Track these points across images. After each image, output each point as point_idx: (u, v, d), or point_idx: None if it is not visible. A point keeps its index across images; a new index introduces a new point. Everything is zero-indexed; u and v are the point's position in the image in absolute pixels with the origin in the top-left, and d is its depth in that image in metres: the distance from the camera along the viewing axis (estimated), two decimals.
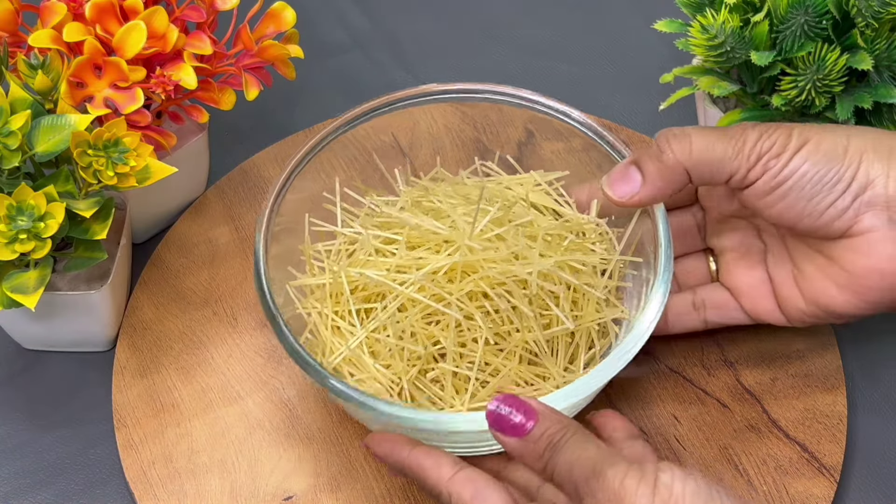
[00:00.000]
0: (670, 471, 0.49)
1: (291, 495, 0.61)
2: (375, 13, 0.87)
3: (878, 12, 0.61)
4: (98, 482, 0.63)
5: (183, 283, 0.69)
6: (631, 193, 0.59)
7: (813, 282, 0.59)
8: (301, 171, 0.62)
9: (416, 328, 0.58)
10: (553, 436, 0.51)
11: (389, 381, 0.58)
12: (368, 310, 0.60)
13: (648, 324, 0.56)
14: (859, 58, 0.62)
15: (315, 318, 0.61)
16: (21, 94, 0.58)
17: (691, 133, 0.58)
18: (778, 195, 0.57)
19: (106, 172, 0.57)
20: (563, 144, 0.65)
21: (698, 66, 0.69)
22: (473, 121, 0.65)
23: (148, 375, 0.65)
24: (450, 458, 0.54)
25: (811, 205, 0.56)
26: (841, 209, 0.56)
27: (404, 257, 0.59)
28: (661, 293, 0.57)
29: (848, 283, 0.57)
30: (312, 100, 0.81)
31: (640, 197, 0.59)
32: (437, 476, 0.53)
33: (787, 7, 0.62)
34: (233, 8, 0.66)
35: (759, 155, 0.57)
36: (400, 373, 0.58)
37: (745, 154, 0.57)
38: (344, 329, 0.60)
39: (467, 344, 0.58)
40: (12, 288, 0.58)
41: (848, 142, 0.57)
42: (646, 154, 0.59)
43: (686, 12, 0.67)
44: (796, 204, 0.57)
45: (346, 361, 0.59)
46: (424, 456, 0.54)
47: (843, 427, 0.63)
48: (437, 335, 0.58)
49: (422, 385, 0.59)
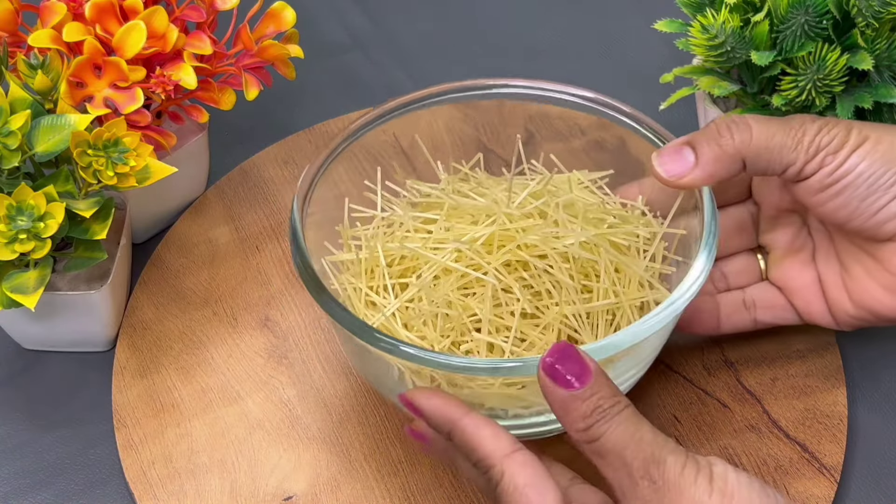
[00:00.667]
0: (721, 463, 0.48)
1: (291, 495, 0.61)
2: (375, 13, 0.87)
3: (878, 12, 0.61)
4: (98, 482, 0.63)
5: (183, 283, 0.69)
6: (682, 173, 0.56)
7: (859, 283, 0.59)
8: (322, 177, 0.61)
9: (452, 297, 0.56)
10: (603, 401, 0.48)
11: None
12: (403, 285, 0.59)
13: (690, 284, 0.54)
14: (860, 58, 0.62)
15: (350, 292, 0.60)
16: (21, 94, 0.58)
17: (750, 121, 0.56)
18: (832, 192, 0.56)
19: (106, 172, 0.57)
20: (563, 145, 0.65)
21: (698, 66, 0.69)
22: (474, 121, 0.65)
23: (148, 375, 0.65)
24: (510, 435, 0.50)
25: (864, 205, 0.56)
26: (892, 213, 0.55)
27: (442, 232, 0.58)
28: (704, 257, 0.55)
29: (894, 287, 0.57)
30: (312, 100, 0.81)
31: (690, 178, 0.56)
32: (492, 447, 0.49)
33: (788, 7, 0.62)
34: (233, 8, 0.66)
35: (817, 148, 0.55)
36: (433, 341, 0.57)
37: (804, 146, 0.55)
38: (379, 304, 0.59)
39: (504, 316, 0.57)
40: (12, 288, 0.58)
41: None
42: (702, 136, 0.57)
43: (686, 12, 0.67)
44: (849, 203, 0.56)
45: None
46: (483, 422, 0.50)
47: (843, 427, 0.63)
48: (472, 307, 0.57)
49: None
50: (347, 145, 0.62)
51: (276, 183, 0.74)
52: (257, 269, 0.70)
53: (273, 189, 0.74)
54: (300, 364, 0.66)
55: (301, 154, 0.75)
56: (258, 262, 0.70)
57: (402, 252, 0.59)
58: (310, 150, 0.75)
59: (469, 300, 0.57)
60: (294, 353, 0.66)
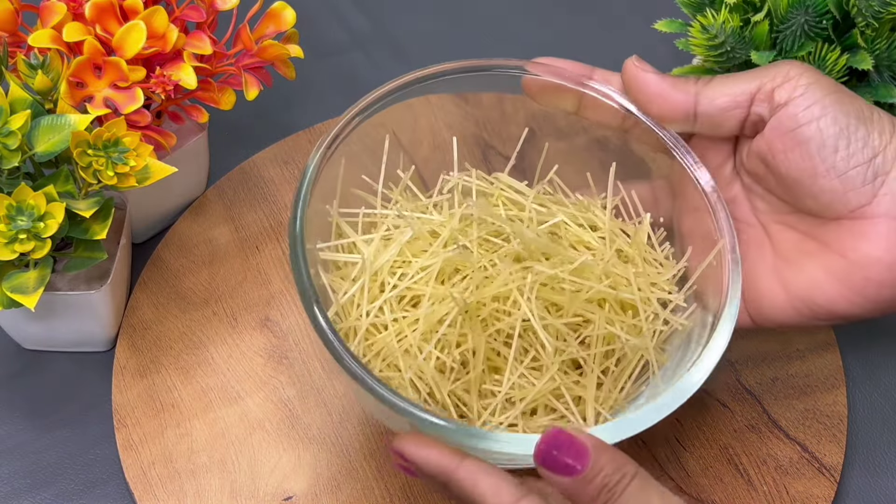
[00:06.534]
0: None
1: (291, 495, 0.61)
2: (375, 13, 0.87)
3: (878, 12, 0.61)
4: (98, 482, 0.63)
5: (183, 283, 0.69)
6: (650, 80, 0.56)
7: (801, 272, 0.54)
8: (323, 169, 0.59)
9: (450, 336, 0.56)
10: (609, 478, 0.46)
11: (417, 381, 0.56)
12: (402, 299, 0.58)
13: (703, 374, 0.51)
14: (859, 58, 0.62)
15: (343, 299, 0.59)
16: (21, 93, 0.58)
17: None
18: (801, 134, 0.52)
19: (106, 172, 0.57)
20: (566, 143, 0.65)
21: (698, 66, 0.69)
22: (475, 117, 0.65)
23: (148, 375, 0.65)
24: (510, 481, 0.47)
25: (834, 158, 0.51)
26: (860, 180, 0.51)
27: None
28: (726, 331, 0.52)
29: (845, 274, 0.52)
30: (312, 100, 0.81)
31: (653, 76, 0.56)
32: (494, 502, 0.47)
33: (788, 7, 0.62)
34: (233, 8, 0.66)
35: (787, 78, 0.53)
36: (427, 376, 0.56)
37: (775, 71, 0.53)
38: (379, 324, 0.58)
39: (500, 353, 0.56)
40: (12, 288, 0.58)
41: (880, 114, 0.52)
42: None
43: (686, 12, 0.67)
44: (818, 152, 0.51)
45: (375, 356, 0.57)
46: (482, 474, 0.48)
47: (843, 427, 0.63)
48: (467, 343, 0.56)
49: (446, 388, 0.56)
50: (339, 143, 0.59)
51: (275, 183, 0.74)
52: (257, 269, 0.70)
53: (273, 189, 0.74)
54: (300, 364, 0.66)
55: (301, 154, 0.75)
56: (258, 262, 0.70)
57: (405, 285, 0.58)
58: (309, 150, 0.75)
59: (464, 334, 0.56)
60: (294, 353, 0.66)
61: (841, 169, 0.52)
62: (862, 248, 0.52)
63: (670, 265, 0.60)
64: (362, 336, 0.57)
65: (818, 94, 0.52)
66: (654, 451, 0.62)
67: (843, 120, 0.52)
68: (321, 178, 0.57)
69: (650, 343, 0.56)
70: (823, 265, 0.53)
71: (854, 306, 0.52)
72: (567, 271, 0.57)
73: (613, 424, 0.49)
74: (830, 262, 0.53)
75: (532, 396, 0.55)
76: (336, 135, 0.58)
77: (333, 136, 0.58)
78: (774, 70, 0.53)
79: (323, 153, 0.57)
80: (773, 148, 0.53)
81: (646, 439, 0.62)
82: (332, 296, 0.58)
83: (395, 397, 0.49)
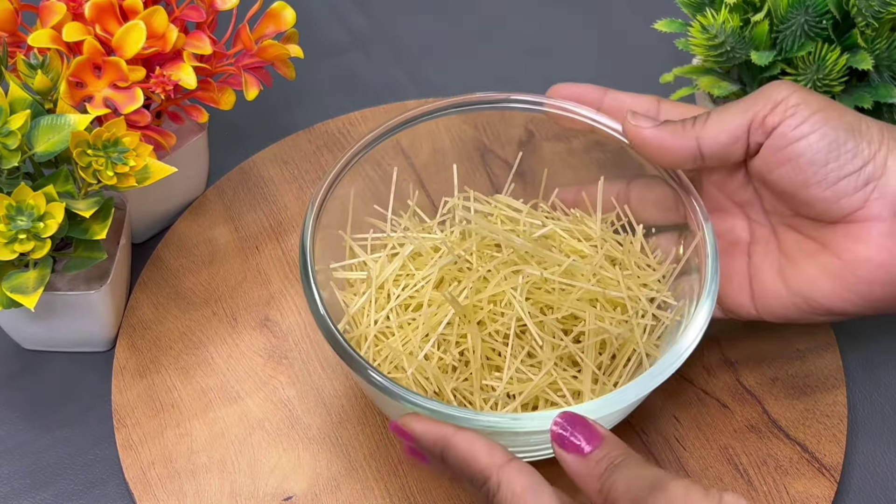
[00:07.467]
0: (734, 495, 0.47)
1: (291, 495, 0.61)
2: (375, 13, 0.87)
3: (878, 12, 0.61)
4: (98, 482, 0.63)
5: (182, 283, 0.69)
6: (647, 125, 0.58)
7: (800, 270, 0.57)
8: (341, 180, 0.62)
9: (449, 337, 0.58)
10: (613, 458, 0.49)
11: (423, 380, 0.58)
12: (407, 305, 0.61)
13: (686, 347, 0.54)
14: (859, 58, 0.62)
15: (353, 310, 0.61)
16: (20, 93, 0.58)
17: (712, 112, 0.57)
18: (792, 151, 0.55)
19: (105, 172, 0.57)
20: (564, 145, 0.65)
21: (698, 66, 0.69)
22: (474, 121, 0.65)
23: (147, 376, 0.65)
24: (503, 447, 0.51)
25: (824, 171, 0.55)
26: (852, 188, 0.55)
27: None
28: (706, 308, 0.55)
29: (839, 273, 0.55)
30: (312, 100, 0.81)
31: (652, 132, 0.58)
32: (487, 461, 0.50)
33: (788, 7, 0.62)
34: (232, 8, 0.66)
35: (776, 102, 0.55)
36: (430, 375, 0.58)
37: (765, 98, 0.56)
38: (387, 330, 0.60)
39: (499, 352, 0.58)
40: (12, 288, 0.58)
41: (869, 124, 0.55)
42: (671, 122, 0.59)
43: (686, 12, 0.67)
44: (809, 167, 0.55)
45: (378, 354, 0.59)
46: (477, 438, 0.51)
47: (843, 427, 0.63)
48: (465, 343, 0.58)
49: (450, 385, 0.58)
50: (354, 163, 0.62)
51: (275, 183, 0.74)
52: (257, 269, 0.70)
53: (273, 189, 0.74)
54: (300, 364, 0.66)
55: (301, 154, 0.75)
56: (258, 262, 0.70)
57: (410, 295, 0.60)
58: (309, 150, 0.75)
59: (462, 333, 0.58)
60: (294, 353, 0.66)
61: (832, 180, 0.55)
62: (854, 248, 0.55)
63: (662, 268, 0.62)
64: (371, 342, 0.60)
65: (806, 113, 0.55)
66: (655, 452, 0.62)
67: (831, 134, 0.55)
68: (326, 208, 0.60)
69: (638, 333, 0.58)
70: (820, 264, 0.57)
71: (847, 303, 0.56)
72: (557, 273, 0.59)
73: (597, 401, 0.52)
74: (827, 262, 0.56)
75: (530, 389, 0.57)
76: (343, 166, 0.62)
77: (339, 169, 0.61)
78: (764, 97, 0.56)
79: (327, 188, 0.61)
80: (769, 165, 0.57)
81: (646, 439, 0.62)
82: (344, 308, 0.61)
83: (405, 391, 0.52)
